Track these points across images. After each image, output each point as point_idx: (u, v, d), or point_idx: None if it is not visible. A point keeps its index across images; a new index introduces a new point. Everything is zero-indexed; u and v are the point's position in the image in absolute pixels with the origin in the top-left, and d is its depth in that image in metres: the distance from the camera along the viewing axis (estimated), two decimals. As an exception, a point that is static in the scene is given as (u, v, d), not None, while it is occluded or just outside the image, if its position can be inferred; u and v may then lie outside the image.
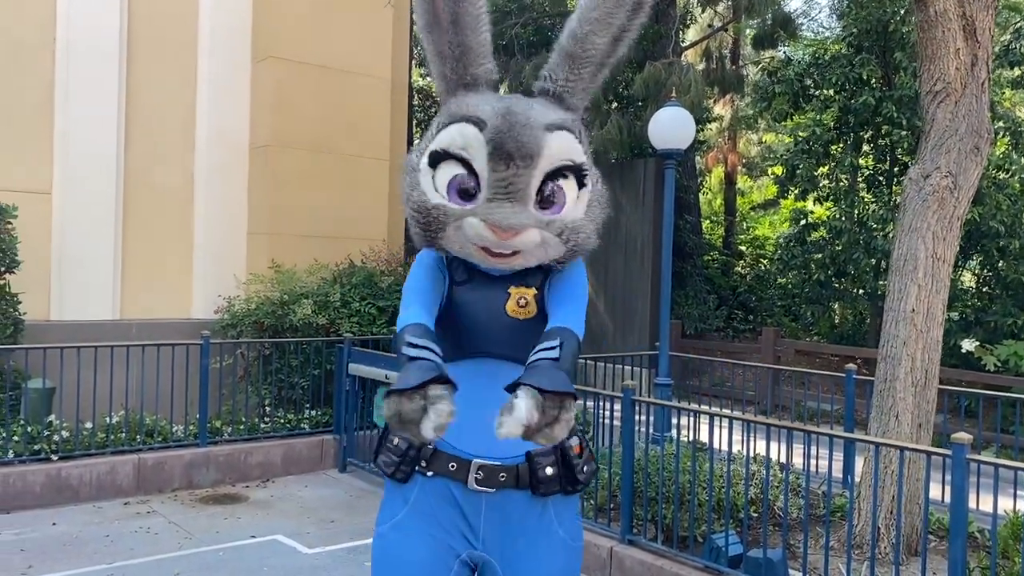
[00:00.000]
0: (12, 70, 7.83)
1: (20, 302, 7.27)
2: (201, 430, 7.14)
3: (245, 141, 9.19)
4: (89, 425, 6.76)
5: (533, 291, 2.39)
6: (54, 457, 6.46)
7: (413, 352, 2.11)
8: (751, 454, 5.52)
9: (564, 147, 2.29)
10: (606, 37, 2.42)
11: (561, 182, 2.30)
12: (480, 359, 2.40)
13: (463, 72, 2.37)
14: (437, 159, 2.29)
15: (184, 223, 8.87)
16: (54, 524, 5.93)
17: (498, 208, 2.20)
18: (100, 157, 8.24)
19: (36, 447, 6.45)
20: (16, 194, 7.61)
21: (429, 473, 2.37)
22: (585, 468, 2.44)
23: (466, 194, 2.26)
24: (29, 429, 6.49)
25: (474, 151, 2.24)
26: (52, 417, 6.73)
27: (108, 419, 6.90)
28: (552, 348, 2.15)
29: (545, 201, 2.29)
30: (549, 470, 2.36)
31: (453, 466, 2.35)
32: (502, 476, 2.35)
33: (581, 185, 2.35)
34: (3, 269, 7.13)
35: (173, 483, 6.87)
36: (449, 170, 2.28)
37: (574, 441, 2.42)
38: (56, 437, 6.55)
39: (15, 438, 6.42)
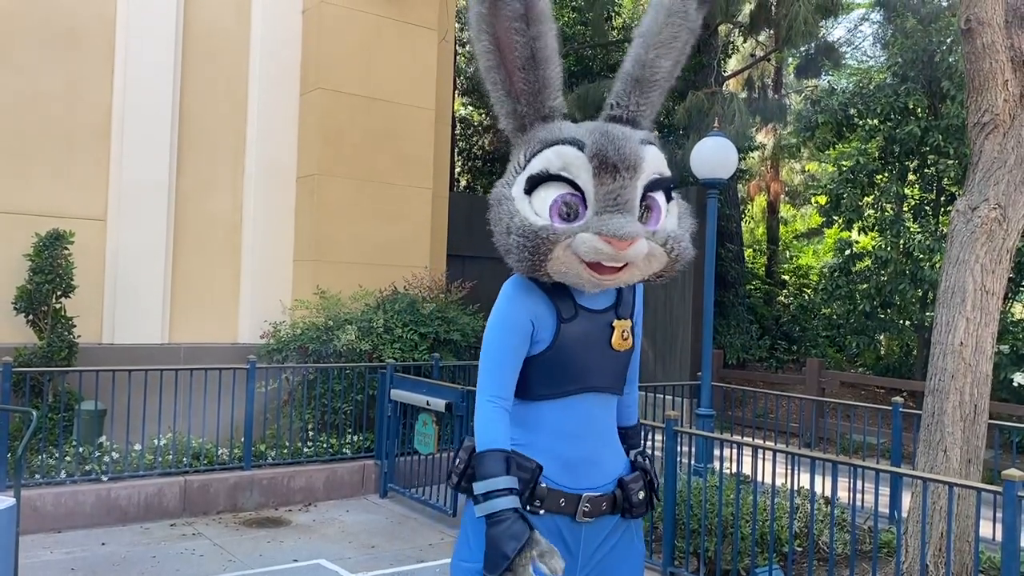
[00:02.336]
0: (71, 100, 8.09)
1: (75, 325, 7.46)
2: (246, 453, 7.25)
3: (293, 170, 9.38)
4: (138, 447, 6.91)
5: (629, 323, 2.51)
6: (104, 478, 6.60)
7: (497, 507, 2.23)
8: (795, 487, 5.45)
9: (657, 159, 2.34)
10: (670, 60, 2.49)
11: (655, 194, 2.34)
12: (576, 395, 2.44)
13: (540, 106, 2.39)
14: (535, 184, 2.28)
15: (232, 250, 9.05)
16: (103, 544, 6.05)
17: (610, 220, 2.20)
18: (153, 185, 8.46)
19: (87, 468, 6.61)
20: (72, 220, 7.86)
21: (542, 512, 2.39)
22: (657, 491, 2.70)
23: (568, 215, 2.27)
24: (81, 450, 6.66)
25: (576, 169, 2.26)
26: (103, 439, 6.89)
27: (156, 441, 7.05)
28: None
29: (644, 214, 2.33)
30: (641, 495, 2.55)
31: (563, 502, 2.42)
32: (604, 505, 2.48)
33: (668, 198, 2.40)
34: (59, 293, 7.34)
35: (218, 505, 6.98)
36: (549, 192, 2.28)
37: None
38: (106, 458, 6.70)
39: (67, 459, 6.59)
